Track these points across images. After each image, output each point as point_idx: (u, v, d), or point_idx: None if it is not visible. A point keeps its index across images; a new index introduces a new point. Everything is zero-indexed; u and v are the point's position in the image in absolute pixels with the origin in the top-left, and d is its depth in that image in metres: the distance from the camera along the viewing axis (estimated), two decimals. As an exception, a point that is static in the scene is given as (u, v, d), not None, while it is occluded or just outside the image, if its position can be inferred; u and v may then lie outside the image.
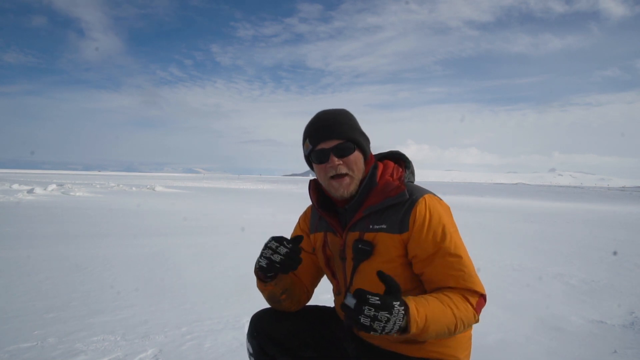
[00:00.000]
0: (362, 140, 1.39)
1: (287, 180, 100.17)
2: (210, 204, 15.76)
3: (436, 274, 1.27)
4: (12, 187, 20.41)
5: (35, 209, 11.02)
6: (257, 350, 1.48)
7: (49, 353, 2.44)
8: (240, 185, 40.56)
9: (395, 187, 1.34)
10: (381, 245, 1.32)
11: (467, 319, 1.21)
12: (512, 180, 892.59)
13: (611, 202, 24.97)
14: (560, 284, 4.46)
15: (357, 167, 1.36)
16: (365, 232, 1.34)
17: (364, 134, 1.43)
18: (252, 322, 1.52)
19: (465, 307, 1.21)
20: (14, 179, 32.24)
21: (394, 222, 1.31)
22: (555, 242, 7.66)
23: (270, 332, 1.47)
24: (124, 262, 4.90)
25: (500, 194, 34.77)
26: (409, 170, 1.47)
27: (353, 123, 1.40)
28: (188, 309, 3.31)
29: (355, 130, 1.39)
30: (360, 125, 1.43)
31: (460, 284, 1.24)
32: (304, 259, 1.40)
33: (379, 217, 1.33)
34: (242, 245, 6.29)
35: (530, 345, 2.84)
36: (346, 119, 1.39)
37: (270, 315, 1.52)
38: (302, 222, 1.66)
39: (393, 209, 1.32)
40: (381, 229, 1.32)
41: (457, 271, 1.24)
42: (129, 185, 28.38)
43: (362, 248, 1.33)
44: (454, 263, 1.25)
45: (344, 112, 1.42)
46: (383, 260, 1.32)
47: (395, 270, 1.30)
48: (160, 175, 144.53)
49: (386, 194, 1.33)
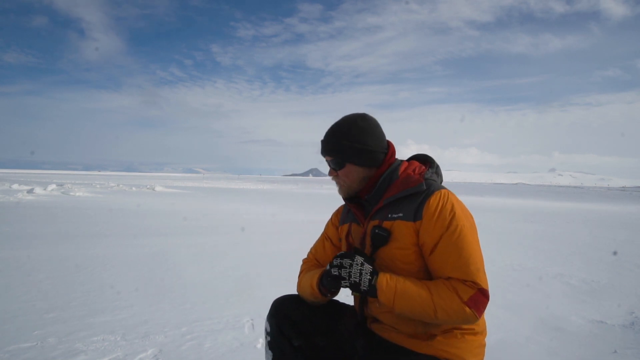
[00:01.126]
0: (353, 157, 1.48)
1: (287, 180, 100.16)
2: (210, 204, 15.76)
3: (437, 262, 1.32)
4: (12, 187, 20.42)
5: (35, 209, 11.02)
6: (274, 329, 1.55)
7: (49, 353, 2.44)
8: (240, 185, 40.57)
9: (415, 179, 1.42)
10: (397, 232, 1.38)
11: (452, 310, 1.23)
12: (512, 180, 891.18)
13: (611, 202, 24.97)
14: (560, 284, 4.46)
15: (348, 178, 1.51)
16: (384, 220, 1.42)
17: (360, 148, 1.47)
18: (274, 304, 1.60)
19: (450, 296, 1.24)
20: (14, 179, 32.26)
21: (410, 210, 1.38)
22: (555, 242, 7.66)
23: (289, 313, 1.56)
24: (124, 262, 4.90)
25: (500, 194, 34.78)
26: (433, 169, 1.53)
27: (348, 139, 1.47)
28: (188, 309, 3.31)
29: (346, 147, 1.47)
30: (365, 136, 1.48)
31: (457, 274, 1.26)
32: (328, 251, 1.69)
33: (397, 207, 1.42)
34: (242, 245, 6.30)
35: (531, 345, 2.84)
36: (343, 134, 1.48)
37: (291, 300, 1.61)
38: (334, 216, 1.76)
39: (410, 198, 1.40)
40: (398, 217, 1.39)
41: (456, 261, 1.27)
42: (129, 185, 28.39)
43: (379, 233, 1.39)
44: (456, 252, 1.28)
45: (345, 127, 1.49)
46: (399, 246, 1.38)
47: (409, 257, 1.37)
48: (160, 175, 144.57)
49: (405, 185, 1.42)
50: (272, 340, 1.55)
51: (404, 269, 1.38)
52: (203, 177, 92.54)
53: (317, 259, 1.72)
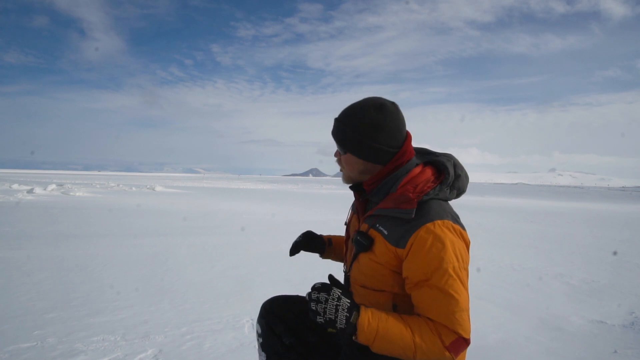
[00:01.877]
0: (354, 147, 1.37)
1: (287, 180, 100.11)
2: (210, 204, 15.75)
3: (421, 301, 1.24)
4: (12, 187, 20.42)
5: (35, 209, 11.02)
6: (265, 329, 1.55)
7: (49, 353, 2.44)
8: (241, 185, 40.56)
9: (408, 201, 1.29)
10: (377, 246, 1.33)
11: (432, 353, 1.18)
12: (512, 180, 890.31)
13: (611, 202, 24.97)
14: (560, 284, 4.46)
15: (347, 166, 1.44)
16: (372, 228, 1.37)
17: (364, 142, 1.35)
18: (263, 306, 1.60)
19: (432, 340, 1.18)
20: (14, 179, 32.26)
21: (394, 233, 1.29)
22: (555, 242, 7.66)
23: (279, 313, 1.56)
24: (124, 262, 4.90)
25: (500, 194, 34.77)
26: (444, 185, 1.35)
27: (354, 129, 1.35)
28: (188, 309, 3.31)
29: (349, 137, 1.36)
30: (372, 130, 1.34)
31: (442, 320, 1.20)
32: None
33: (385, 222, 1.34)
34: (242, 245, 6.30)
35: (531, 345, 2.84)
36: (350, 122, 1.36)
37: (281, 300, 1.61)
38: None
39: (398, 220, 1.30)
40: (382, 233, 1.32)
41: (442, 307, 1.20)
42: (129, 185, 28.39)
43: (359, 240, 1.36)
44: (441, 299, 1.20)
45: (355, 114, 1.37)
46: (375, 259, 1.33)
47: (382, 270, 1.32)
48: (160, 175, 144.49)
49: (397, 204, 1.31)
50: (264, 341, 1.55)
51: (376, 279, 1.34)
52: (203, 177, 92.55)
53: None
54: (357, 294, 1.42)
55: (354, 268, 1.42)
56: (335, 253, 1.82)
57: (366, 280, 1.38)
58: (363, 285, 1.39)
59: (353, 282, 1.44)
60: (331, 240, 1.82)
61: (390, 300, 1.34)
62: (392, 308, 1.34)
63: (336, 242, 1.83)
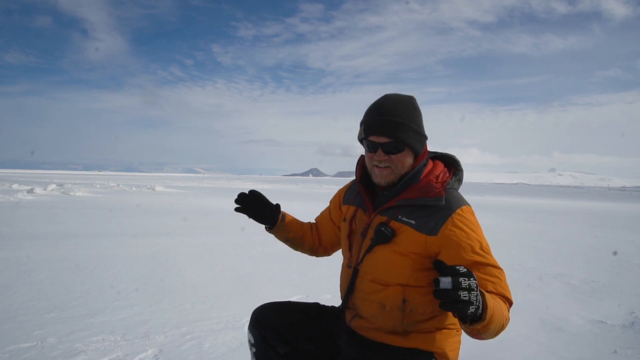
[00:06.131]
0: (414, 141, 1.37)
1: (287, 180, 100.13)
2: (210, 203, 15.75)
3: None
4: (12, 187, 20.40)
5: (35, 209, 11.02)
6: (258, 339, 1.52)
7: (49, 353, 2.44)
8: (241, 185, 40.54)
9: (436, 190, 1.34)
10: (402, 237, 1.34)
11: (507, 321, 1.19)
12: (512, 180, 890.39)
13: (611, 202, 24.96)
14: (560, 284, 4.46)
15: (401, 164, 1.38)
16: (393, 220, 1.38)
17: (420, 133, 1.39)
18: (254, 314, 1.57)
19: (508, 309, 1.21)
20: (14, 179, 32.24)
21: (424, 222, 1.32)
22: (555, 242, 7.66)
23: (271, 322, 1.53)
24: (124, 262, 4.90)
25: (500, 194, 34.77)
26: (457, 177, 1.44)
27: (411, 121, 1.36)
28: (188, 309, 3.31)
29: (410, 130, 1.35)
30: (421, 121, 1.40)
31: (498, 290, 1.23)
32: (327, 226, 1.73)
33: (410, 212, 1.36)
34: (242, 245, 6.29)
35: (531, 345, 2.84)
36: (405, 115, 1.36)
37: (272, 308, 1.58)
38: (339, 193, 1.71)
39: (426, 209, 1.34)
40: (409, 223, 1.34)
41: (495, 278, 1.24)
42: (129, 185, 28.38)
43: (384, 231, 1.36)
44: (493, 271, 1.24)
45: (405, 107, 1.38)
46: (397, 250, 1.35)
47: (403, 262, 1.34)
48: (160, 175, 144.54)
49: (424, 194, 1.35)
50: (258, 351, 1.53)
51: (392, 271, 1.36)
52: (203, 177, 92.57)
53: (318, 224, 1.80)
54: (365, 288, 1.42)
55: (366, 260, 1.42)
56: (285, 232, 1.73)
57: (379, 273, 1.39)
58: (374, 279, 1.40)
59: (362, 275, 1.44)
60: (285, 216, 1.74)
61: (401, 295, 1.36)
62: (401, 303, 1.36)
63: (291, 221, 1.74)
